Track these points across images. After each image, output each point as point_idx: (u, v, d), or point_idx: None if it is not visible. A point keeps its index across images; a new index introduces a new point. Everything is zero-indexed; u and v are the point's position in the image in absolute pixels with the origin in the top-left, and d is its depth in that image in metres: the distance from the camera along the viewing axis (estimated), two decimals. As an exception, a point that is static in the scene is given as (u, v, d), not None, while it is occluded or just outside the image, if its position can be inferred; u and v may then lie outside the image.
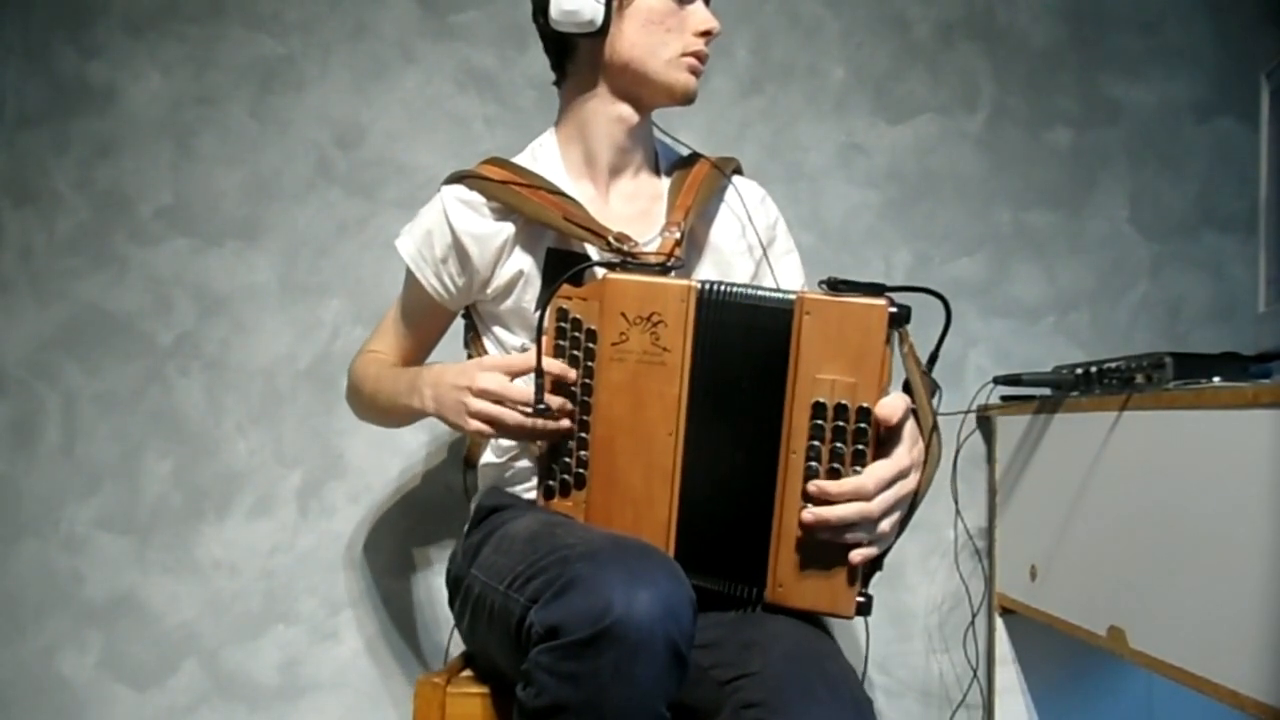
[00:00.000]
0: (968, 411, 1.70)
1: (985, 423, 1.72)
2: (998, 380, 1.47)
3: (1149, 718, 1.70)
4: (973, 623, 1.73)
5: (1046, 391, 1.45)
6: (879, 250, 1.80)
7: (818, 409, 0.96)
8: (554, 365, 1.02)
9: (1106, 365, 1.32)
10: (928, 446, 1.00)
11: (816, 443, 0.96)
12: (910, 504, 0.99)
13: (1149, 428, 1.20)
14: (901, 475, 0.96)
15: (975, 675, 1.72)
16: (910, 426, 0.99)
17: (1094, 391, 1.33)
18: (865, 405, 0.95)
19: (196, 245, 1.72)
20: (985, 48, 1.85)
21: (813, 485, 0.95)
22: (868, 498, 0.94)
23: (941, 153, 1.83)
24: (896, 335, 0.98)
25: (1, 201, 1.71)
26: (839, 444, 0.96)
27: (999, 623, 1.67)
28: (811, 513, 0.95)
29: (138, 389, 1.69)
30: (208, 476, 1.69)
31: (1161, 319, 1.83)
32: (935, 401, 1.03)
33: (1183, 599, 1.10)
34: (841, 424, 0.96)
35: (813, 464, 0.96)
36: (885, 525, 0.96)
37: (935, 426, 1.01)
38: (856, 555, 0.96)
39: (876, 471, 0.95)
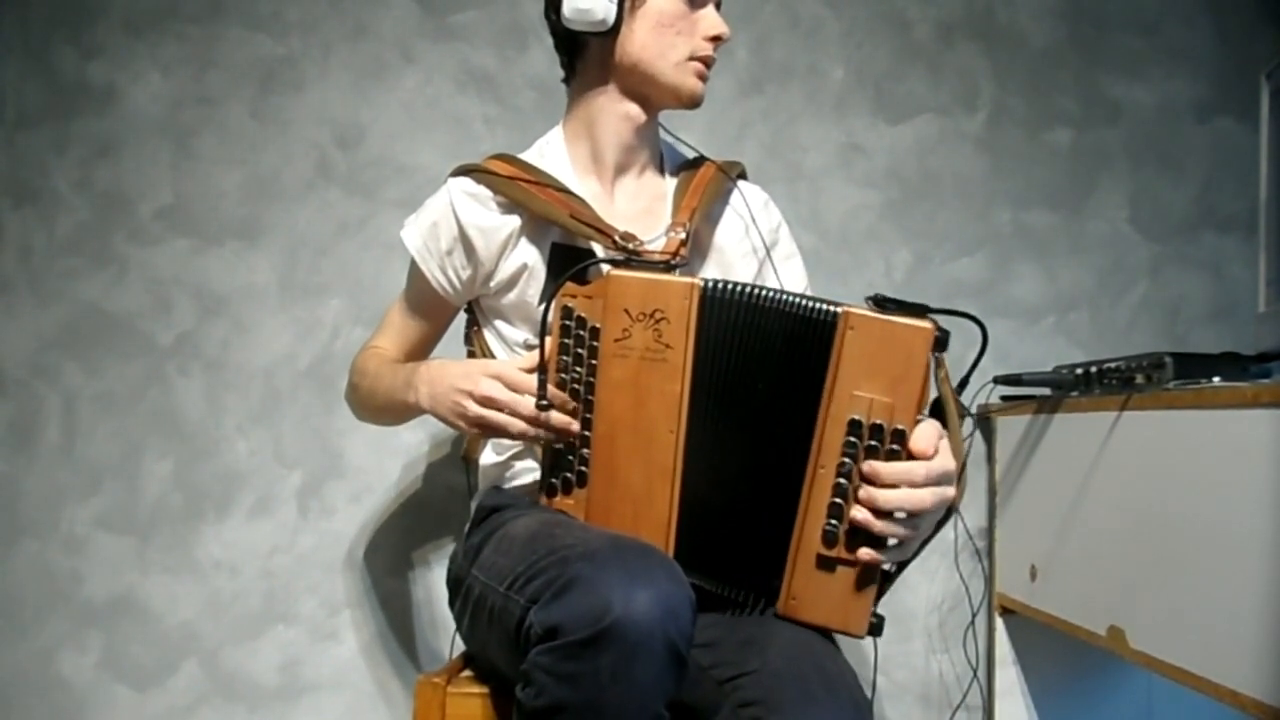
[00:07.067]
0: (967, 412, 1.69)
1: (985, 423, 1.72)
2: (998, 380, 1.47)
3: (1149, 718, 1.70)
4: (973, 623, 1.73)
5: (1046, 391, 1.45)
6: (879, 250, 1.80)
7: (853, 426, 0.95)
8: (556, 396, 1.01)
9: (1106, 365, 1.32)
10: (960, 470, 0.98)
11: (848, 460, 0.95)
12: (938, 521, 0.98)
13: (1149, 428, 1.20)
14: (947, 478, 0.95)
15: (975, 675, 1.72)
16: (945, 445, 0.97)
17: (1094, 391, 1.33)
18: (901, 427, 0.94)
19: (196, 245, 1.72)
20: (985, 48, 1.85)
21: (866, 465, 0.93)
22: (916, 484, 0.93)
23: (941, 153, 1.83)
24: (934, 358, 0.97)
25: (1, 201, 1.71)
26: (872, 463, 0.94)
27: (999, 623, 1.67)
28: (866, 491, 0.93)
29: (138, 389, 1.69)
30: (208, 476, 1.69)
31: (1161, 319, 1.82)
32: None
33: (1183, 599, 1.10)
34: (875, 444, 0.94)
35: (842, 481, 0.95)
36: (915, 529, 0.95)
37: (967, 453, 0.99)
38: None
39: (927, 463, 0.93)
